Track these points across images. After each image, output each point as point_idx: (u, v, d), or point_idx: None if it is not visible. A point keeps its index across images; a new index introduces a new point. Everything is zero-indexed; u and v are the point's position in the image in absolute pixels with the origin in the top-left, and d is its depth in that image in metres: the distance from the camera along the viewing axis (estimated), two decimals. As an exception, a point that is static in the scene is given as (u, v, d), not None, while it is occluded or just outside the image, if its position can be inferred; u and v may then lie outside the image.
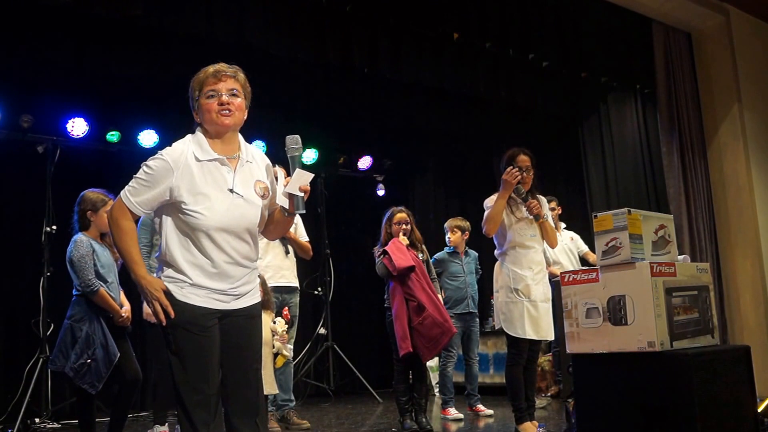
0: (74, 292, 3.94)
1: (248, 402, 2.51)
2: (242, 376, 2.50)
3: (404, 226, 4.87)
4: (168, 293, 2.40)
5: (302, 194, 2.48)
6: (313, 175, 2.51)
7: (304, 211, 2.50)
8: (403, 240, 4.81)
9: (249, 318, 2.54)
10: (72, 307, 3.93)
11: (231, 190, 2.45)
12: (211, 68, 2.49)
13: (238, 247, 2.47)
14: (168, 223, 2.45)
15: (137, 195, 2.44)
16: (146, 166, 2.45)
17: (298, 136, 2.52)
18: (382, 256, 4.77)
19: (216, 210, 2.41)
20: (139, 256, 2.45)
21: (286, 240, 5.13)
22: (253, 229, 2.53)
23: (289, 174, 2.49)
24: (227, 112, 2.44)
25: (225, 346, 2.46)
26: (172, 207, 2.44)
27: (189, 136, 2.50)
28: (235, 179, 2.47)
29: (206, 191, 2.41)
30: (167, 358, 2.44)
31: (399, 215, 4.92)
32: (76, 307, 3.91)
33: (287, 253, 5.21)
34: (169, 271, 2.43)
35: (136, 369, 4.01)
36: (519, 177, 4.21)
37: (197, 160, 2.43)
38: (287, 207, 2.52)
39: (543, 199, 4.43)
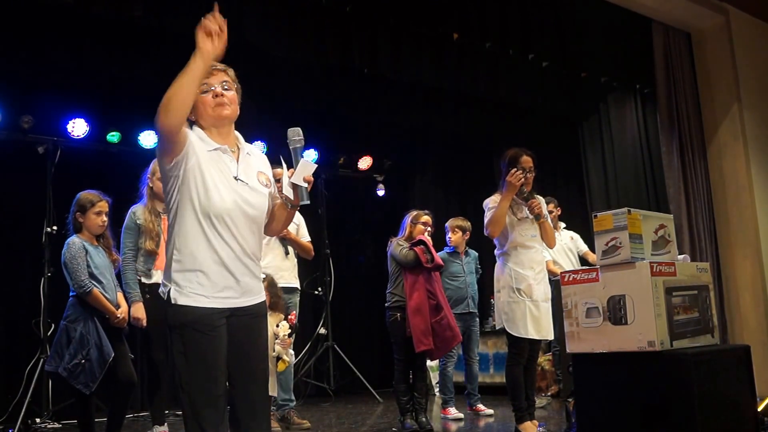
0: (71, 293, 3.94)
1: (256, 402, 2.50)
2: (249, 376, 2.49)
3: (429, 229, 5.01)
4: (178, 291, 2.38)
5: (306, 185, 2.47)
6: (316, 165, 2.50)
7: (308, 202, 2.50)
8: (429, 240, 4.92)
9: (255, 317, 2.52)
10: (68, 308, 3.93)
11: (236, 178, 2.45)
12: None
13: (248, 239, 2.46)
14: (177, 216, 2.42)
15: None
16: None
17: (299, 128, 2.54)
18: (413, 246, 4.84)
19: (224, 198, 2.40)
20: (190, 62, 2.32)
21: (286, 241, 5.15)
22: (261, 220, 2.53)
23: (290, 167, 2.49)
24: (223, 104, 2.46)
25: (232, 345, 2.44)
26: (182, 198, 2.41)
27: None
28: (239, 168, 2.48)
29: (214, 179, 2.41)
30: (172, 358, 2.42)
31: (426, 218, 5.06)
32: (72, 308, 3.91)
33: (287, 253, 5.22)
34: (177, 266, 2.40)
35: (131, 371, 4.01)
36: (522, 179, 4.22)
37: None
38: (292, 198, 2.51)
39: (541, 199, 4.43)
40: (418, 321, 4.66)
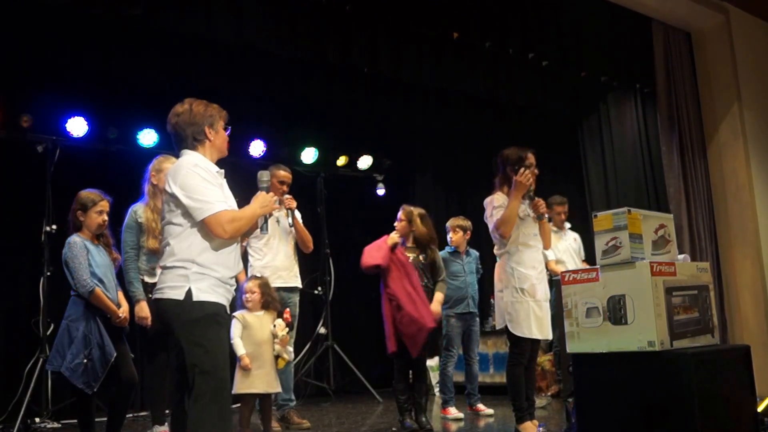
0: (72, 292, 3.93)
1: None
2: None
3: (396, 224, 4.94)
4: (199, 289, 2.71)
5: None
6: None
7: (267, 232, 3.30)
8: (392, 238, 4.81)
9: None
10: (69, 308, 3.92)
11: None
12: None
13: (236, 248, 2.93)
14: (196, 227, 2.76)
15: (212, 196, 2.75)
16: (195, 174, 2.77)
17: (268, 171, 3.27)
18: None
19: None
20: (246, 209, 2.90)
21: (292, 214, 5.13)
22: None
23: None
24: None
25: None
26: None
27: (191, 155, 2.89)
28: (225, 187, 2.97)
29: (225, 196, 2.88)
30: (190, 352, 2.67)
31: (399, 214, 4.97)
32: (73, 307, 3.90)
33: (287, 254, 5.21)
34: (196, 267, 2.72)
35: (132, 371, 4.01)
36: (531, 179, 4.22)
37: (209, 171, 2.87)
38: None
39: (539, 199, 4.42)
40: (386, 327, 4.74)
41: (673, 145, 6.95)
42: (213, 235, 2.73)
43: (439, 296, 4.88)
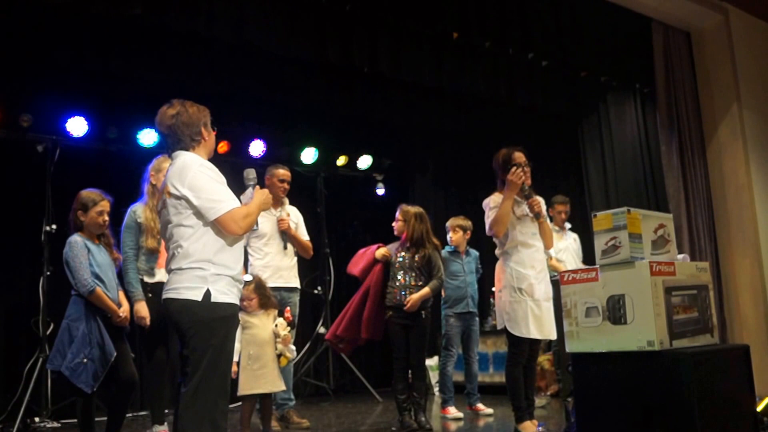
0: (72, 291, 3.93)
1: None
2: None
3: (393, 224, 5.01)
4: (217, 290, 2.78)
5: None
6: None
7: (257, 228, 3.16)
8: (380, 252, 4.94)
9: None
10: (70, 307, 3.91)
11: None
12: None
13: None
14: (208, 226, 2.82)
15: (222, 194, 2.82)
16: (203, 174, 2.83)
17: (253, 169, 3.27)
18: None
19: None
20: (251, 205, 2.97)
21: (286, 236, 5.16)
22: None
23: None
24: None
25: None
26: None
27: (190, 156, 2.93)
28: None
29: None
30: (203, 352, 2.71)
31: (397, 214, 5.01)
32: (74, 306, 3.89)
33: (285, 248, 5.22)
34: (213, 267, 2.78)
35: (132, 370, 4.00)
36: (524, 177, 4.22)
37: (214, 170, 2.94)
38: None
39: (540, 199, 4.42)
40: None
41: (672, 144, 6.95)
42: (227, 232, 2.81)
43: (424, 290, 4.78)
